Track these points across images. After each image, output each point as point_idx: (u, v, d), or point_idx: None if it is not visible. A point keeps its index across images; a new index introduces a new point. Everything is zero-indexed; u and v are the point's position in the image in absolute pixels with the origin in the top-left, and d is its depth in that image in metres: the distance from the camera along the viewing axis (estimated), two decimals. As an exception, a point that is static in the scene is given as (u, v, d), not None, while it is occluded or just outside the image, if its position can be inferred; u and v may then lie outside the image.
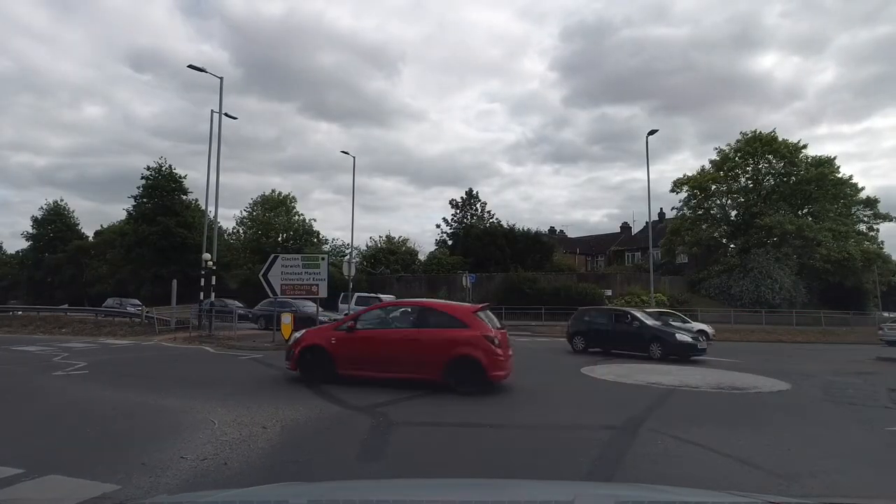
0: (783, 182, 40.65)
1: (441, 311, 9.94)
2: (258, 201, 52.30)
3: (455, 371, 8.97)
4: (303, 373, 9.88)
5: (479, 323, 9.32)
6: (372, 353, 9.58)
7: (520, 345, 20.96)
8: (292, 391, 9.07)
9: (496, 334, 9.29)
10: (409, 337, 9.52)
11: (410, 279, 40.72)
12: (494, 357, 9.00)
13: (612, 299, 33.92)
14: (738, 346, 23.53)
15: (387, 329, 10.20)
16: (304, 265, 18.17)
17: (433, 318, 9.69)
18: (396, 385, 9.09)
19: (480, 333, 9.08)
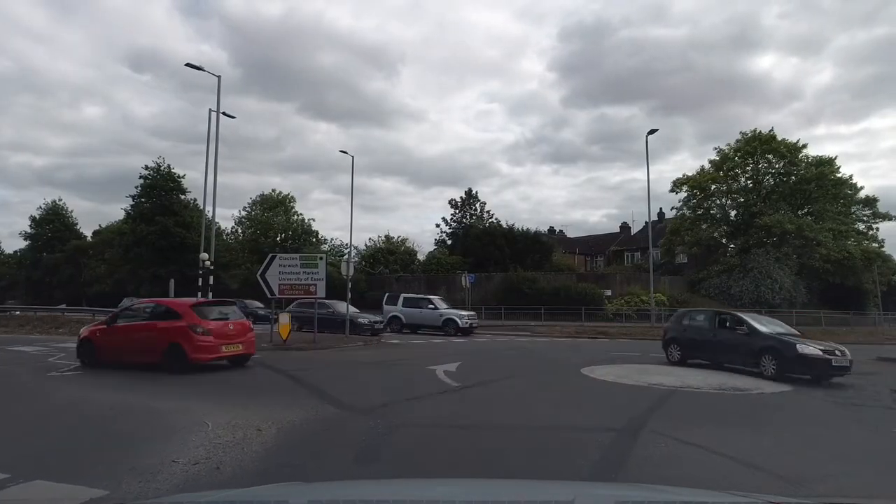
0: (783, 182, 40.58)
1: (167, 305, 12.15)
2: (257, 201, 52.17)
3: (168, 355, 10.69)
4: (80, 360, 11.91)
5: (191, 315, 11.04)
6: (121, 343, 11.37)
7: (518, 344, 21.01)
8: (288, 392, 8.96)
9: (204, 324, 10.97)
10: (145, 328, 11.48)
11: (409, 279, 40.61)
12: (196, 343, 10.70)
13: (611, 299, 33.85)
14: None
15: (134, 322, 11.95)
16: (302, 265, 18.05)
17: (161, 312, 11.67)
18: (396, 387, 8.99)
19: (186, 324, 10.83)
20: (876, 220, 42.59)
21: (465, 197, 55.45)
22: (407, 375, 11.42)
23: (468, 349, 18.25)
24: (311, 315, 22.72)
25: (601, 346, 22.27)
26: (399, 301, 25.72)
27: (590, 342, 24.48)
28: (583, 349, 19.79)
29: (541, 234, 43.32)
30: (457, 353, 16.19)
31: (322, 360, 13.76)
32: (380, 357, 14.97)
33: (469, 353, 16.59)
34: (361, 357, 14.81)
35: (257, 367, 12.15)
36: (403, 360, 14.30)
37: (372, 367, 12.80)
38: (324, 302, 22.33)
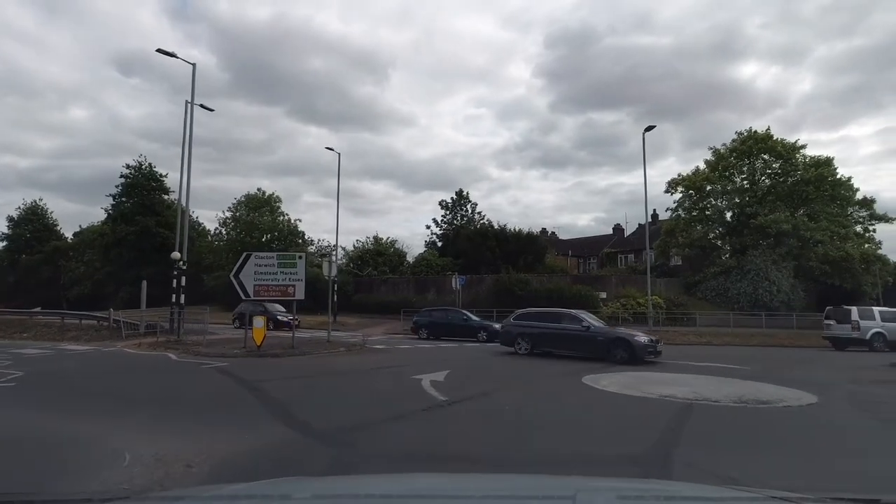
0: (780, 182, 39.76)
1: None
2: (242, 201, 50.60)
3: None
4: None
5: None
6: None
7: (512, 350, 19.70)
8: (245, 410, 7.66)
9: None
10: None
11: (398, 281, 39.29)
12: None
13: (606, 302, 32.75)
14: (742, 350, 22.36)
15: None
16: (279, 264, 16.74)
17: None
18: (373, 402, 7.72)
19: None
20: (872, 221, 41.90)
21: (456, 198, 54.35)
22: (388, 387, 10.15)
23: (457, 356, 17.00)
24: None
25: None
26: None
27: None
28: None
29: (533, 235, 42.14)
30: (445, 361, 14.94)
31: (296, 369, 12.43)
32: (361, 365, 13.67)
33: (458, 361, 15.33)
34: (340, 365, 13.50)
35: (219, 377, 10.83)
36: (386, 369, 13.02)
37: (350, 377, 11.52)
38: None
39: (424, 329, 24.68)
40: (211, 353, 15.16)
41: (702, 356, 17.76)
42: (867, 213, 41.46)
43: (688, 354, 18.64)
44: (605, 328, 16.57)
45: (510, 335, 17.26)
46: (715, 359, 16.82)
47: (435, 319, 25.04)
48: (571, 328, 15.99)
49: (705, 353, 19.69)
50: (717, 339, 26.94)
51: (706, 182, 40.97)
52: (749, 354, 20.46)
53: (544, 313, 17.77)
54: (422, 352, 18.23)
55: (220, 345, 17.03)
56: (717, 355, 18.76)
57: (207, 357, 14.64)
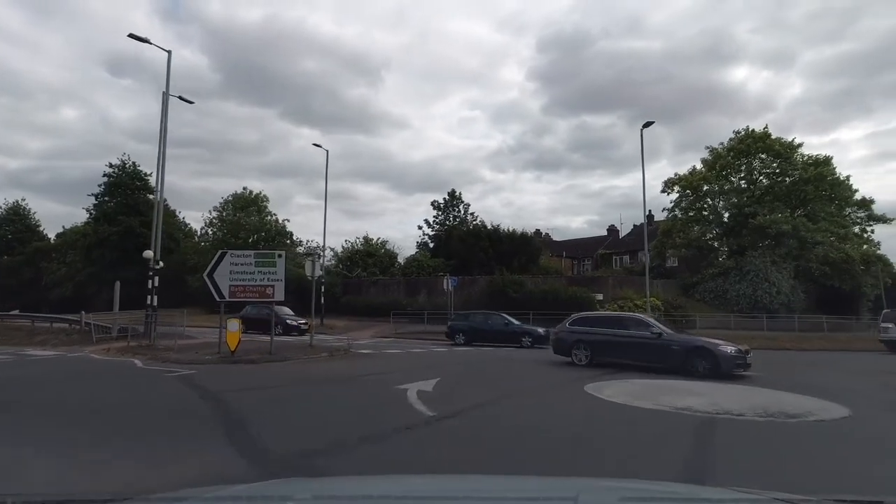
0: (778, 182, 39.01)
1: None
2: (229, 201, 49.22)
3: None
4: None
5: None
6: None
7: (504, 354, 18.73)
8: (196, 427, 6.51)
9: None
10: None
11: (388, 282, 38.12)
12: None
13: (603, 304, 31.72)
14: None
15: None
16: (256, 263, 15.56)
17: None
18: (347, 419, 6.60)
19: None
20: (870, 222, 41.26)
21: (449, 199, 53.23)
22: (368, 399, 9.01)
23: (449, 361, 15.88)
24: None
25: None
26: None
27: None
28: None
29: (527, 236, 41.11)
30: (435, 367, 13.81)
31: (268, 378, 11.26)
32: (343, 372, 12.52)
33: (450, 367, 14.21)
34: (319, 373, 12.34)
35: (179, 388, 9.65)
36: (370, 376, 11.87)
37: (327, 387, 10.36)
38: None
39: (461, 334, 22.80)
40: (180, 360, 13.95)
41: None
42: (865, 213, 40.82)
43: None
44: (682, 336, 14.30)
45: (565, 343, 15.14)
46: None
47: (473, 324, 23.21)
48: (639, 335, 13.67)
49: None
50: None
51: (703, 182, 40.19)
52: (757, 358, 19.47)
53: (605, 318, 15.84)
54: (413, 358, 17.10)
55: (193, 350, 15.82)
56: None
57: (176, 364, 13.44)
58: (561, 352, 15.37)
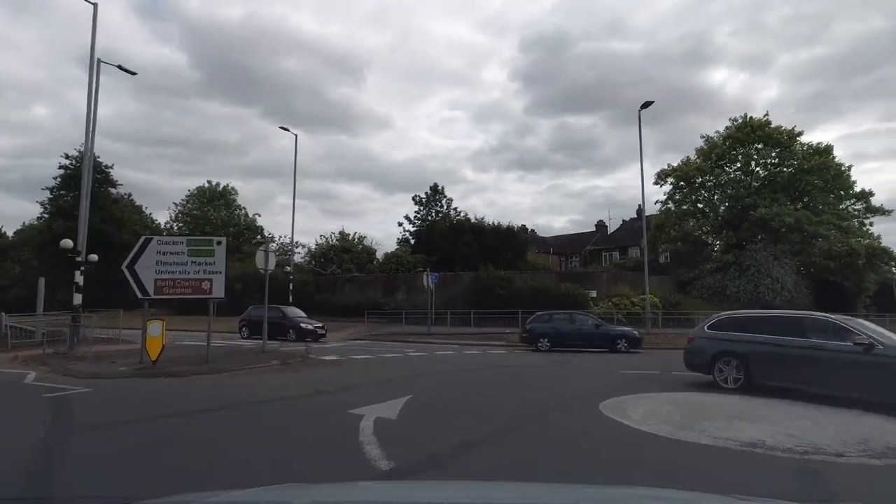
0: (777, 172, 37.03)
1: None
2: (193, 194, 45.94)
3: None
4: None
5: None
6: None
7: (494, 360, 15.51)
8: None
9: None
10: None
11: (364, 280, 35.31)
12: None
13: (597, 301, 29.36)
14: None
15: None
16: (190, 252, 12.73)
17: None
18: (249, 476, 3.90)
19: None
20: (868, 215, 39.55)
21: (431, 193, 50.61)
22: (301, 435, 6.30)
23: (427, 370, 13.22)
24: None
25: (600, 359, 17.60)
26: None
27: (581, 355, 19.87)
28: (580, 365, 15.06)
29: (513, 230, 38.58)
30: (408, 379, 11.15)
31: (180, 399, 8.46)
32: (286, 389, 9.77)
33: (426, 378, 11.55)
34: (256, 390, 9.57)
35: (43, 415, 6.84)
36: (320, 395, 9.15)
37: (252, 415, 7.61)
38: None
39: (545, 338, 19.67)
40: (86, 372, 11.06)
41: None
42: (863, 205, 39.07)
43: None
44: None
45: (704, 354, 10.53)
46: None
47: (558, 326, 20.18)
48: (833, 347, 8.89)
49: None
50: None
51: (698, 172, 38.08)
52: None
53: (765, 319, 10.56)
54: (383, 366, 14.42)
55: (110, 359, 12.90)
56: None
57: (77, 377, 10.56)
58: (698, 366, 10.79)
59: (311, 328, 22.60)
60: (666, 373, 12.39)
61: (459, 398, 9.01)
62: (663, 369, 13.00)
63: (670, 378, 11.55)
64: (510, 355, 18.09)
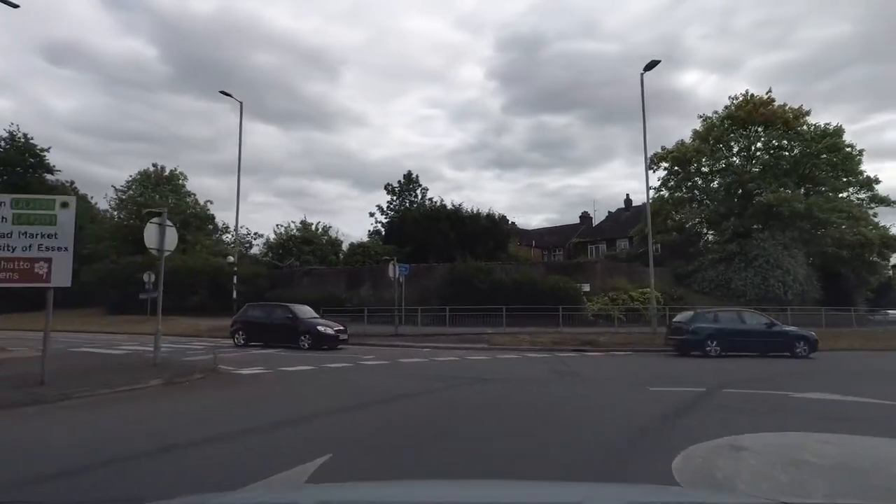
0: (781, 155, 33.86)
1: None
2: (136, 179, 40.87)
3: None
4: None
5: None
6: None
7: (475, 369, 10.41)
8: None
9: None
10: None
11: (324, 273, 31.03)
12: None
13: (591, 296, 25.66)
14: (810, 363, 15.61)
15: None
16: (17, 218, 8.40)
17: None
18: None
19: None
20: (873, 204, 36.75)
21: (405, 182, 46.43)
22: None
23: (379, 385, 9.16)
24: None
25: (609, 366, 13.82)
26: None
27: (579, 358, 16.12)
28: (587, 377, 11.21)
29: (494, 218, 34.60)
30: (346, 412, 7.05)
31: None
32: (114, 441, 5.57)
33: (373, 406, 7.46)
34: (51, 444, 5.35)
35: None
36: (163, 457, 4.95)
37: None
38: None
39: (713, 341, 16.18)
40: None
41: (781, 380, 10.78)
42: (868, 194, 36.14)
43: (751, 375, 11.61)
44: None
45: None
46: (807, 384, 9.91)
47: (726, 325, 16.62)
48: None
49: (768, 370, 12.72)
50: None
51: (696, 154, 34.71)
52: (838, 368, 13.66)
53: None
54: (314, 383, 10.34)
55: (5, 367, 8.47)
56: (790, 372, 11.84)
57: None
58: None
59: (330, 332, 17.61)
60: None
61: (423, 438, 4.97)
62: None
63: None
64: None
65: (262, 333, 18.27)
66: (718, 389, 9.39)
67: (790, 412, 7.25)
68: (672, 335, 17.24)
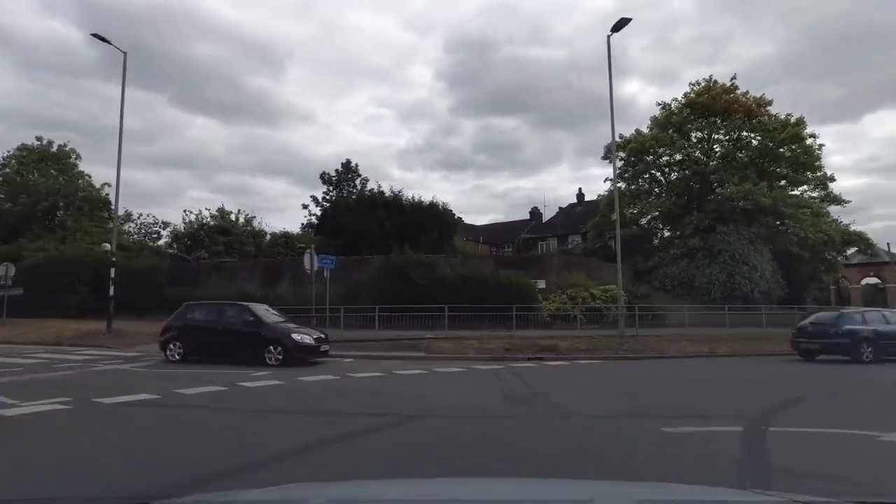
0: (743, 146, 31.94)
1: None
2: (13, 155, 34.35)
3: None
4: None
5: None
6: None
7: (394, 393, 7.69)
8: None
9: None
10: None
11: (237, 266, 26.34)
12: None
13: (547, 294, 22.36)
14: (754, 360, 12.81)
15: None
16: None
17: None
18: None
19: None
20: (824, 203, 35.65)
21: (343, 170, 41.89)
22: None
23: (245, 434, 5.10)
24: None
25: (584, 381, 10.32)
26: None
27: (539, 370, 12.70)
28: (563, 406, 7.57)
29: (437, 207, 30.75)
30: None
31: None
32: None
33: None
34: None
35: None
36: None
37: None
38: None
39: (868, 345, 14.10)
40: None
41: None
42: (822, 192, 34.90)
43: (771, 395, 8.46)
44: None
45: None
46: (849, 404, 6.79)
47: (878, 328, 14.54)
48: None
49: (785, 376, 9.65)
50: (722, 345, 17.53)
51: (654, 143, 32.31)
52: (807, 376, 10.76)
53: None
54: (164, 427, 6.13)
55: None
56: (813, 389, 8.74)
57: None
58: None
59: (309, 343, 13.08)
60: None
61: None
62: None
63: None
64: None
65: (210, 344, 13.41)
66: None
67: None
68: (805, 338, 15.19)
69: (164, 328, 14.17)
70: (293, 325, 14.10)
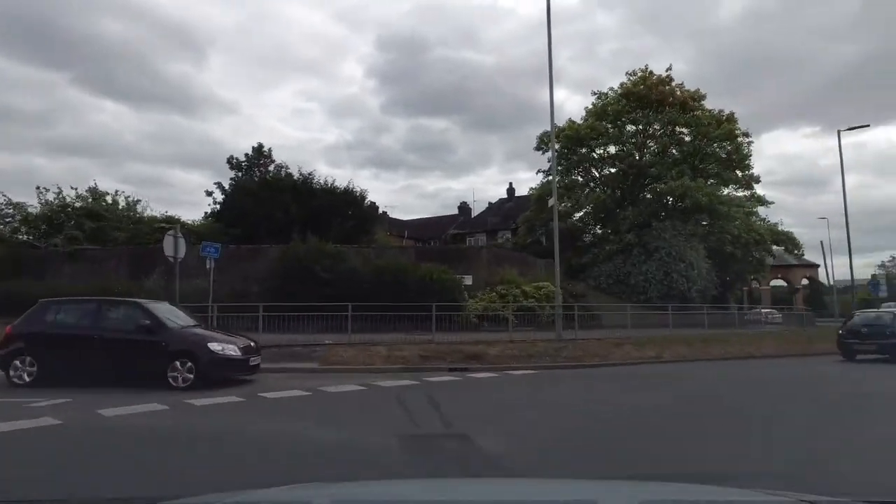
0: (677, 141, 30.80)
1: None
2: None
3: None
4: None
5: None
6: None
7: (239, 438, 4.57)
8: None
9: None
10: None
11: (99, 256, 21.54)
12: None
13: (473, 292, 19.52)
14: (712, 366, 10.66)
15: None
16: None
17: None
18: None
19: None
20: (750, 203, 35.49)
21: (254, 154, 37.09)
22: None
23: None
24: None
25: (522, 403, 7.34)
26: None
27: (464, 387, 9.72)
28: (483, 449, 4.43)
29: (354, 193, 27.09)
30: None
31: None
32: None
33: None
34: None
35: None
36: None
37: None
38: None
39: None
40: None
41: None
42: (749, 192, 34.58)
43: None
44: None
45: None
46: None
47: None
48: None
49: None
50: (668, 350, 15.41)
51: (590, 133, 30.49)
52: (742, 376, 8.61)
53: None
54: None
55: None
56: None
57: None
58: None
59: (233, 355, 9.61)
60: None
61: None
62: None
63: None
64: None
65: (80, 360, 9.36)
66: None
67: None
68: (858, 339, 14.77)
69: (6, 337, 9.75)
70: (210, 331, 10.47)
